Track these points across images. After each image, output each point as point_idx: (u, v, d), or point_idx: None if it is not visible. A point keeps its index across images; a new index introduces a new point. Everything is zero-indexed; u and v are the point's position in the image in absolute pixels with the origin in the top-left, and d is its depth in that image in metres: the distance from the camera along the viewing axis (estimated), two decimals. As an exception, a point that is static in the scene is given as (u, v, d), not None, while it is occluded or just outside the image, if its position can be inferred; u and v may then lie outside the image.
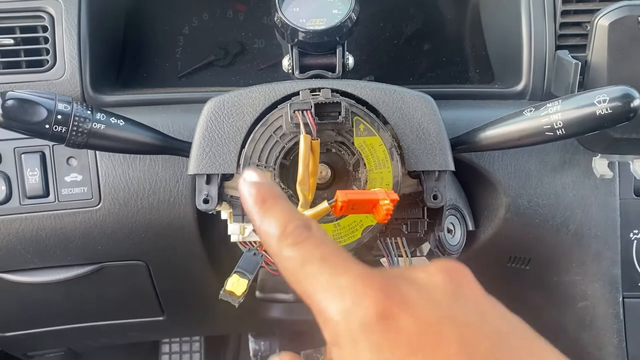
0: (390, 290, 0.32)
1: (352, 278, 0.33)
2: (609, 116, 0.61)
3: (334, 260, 0.34)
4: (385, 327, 0.31)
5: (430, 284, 0.34)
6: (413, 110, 0.69)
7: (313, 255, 0.34)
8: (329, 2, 0.75)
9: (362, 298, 0.32)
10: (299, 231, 0.36)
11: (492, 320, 0.33)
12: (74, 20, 0.83)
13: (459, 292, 0.34)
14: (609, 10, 0.74)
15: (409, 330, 0.31)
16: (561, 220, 0.87)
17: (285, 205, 0.38)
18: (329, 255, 0.34)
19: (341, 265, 0.34)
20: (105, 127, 0.65)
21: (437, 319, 0.32)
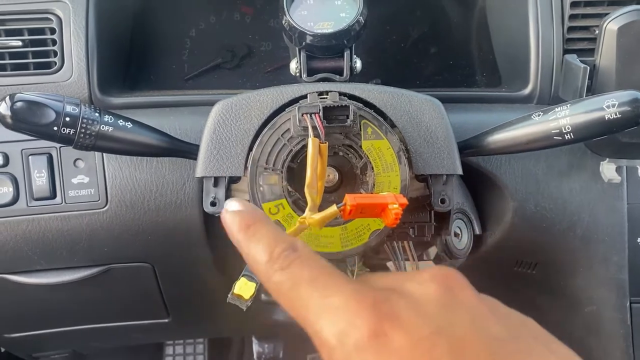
0: (382, 307, 0.33)
1: (345, 298, 0.33)
2: (618, 121, 0.61)
3: (323, 280, 0.34)
4: (378, 346, 0.31)
5: (422, 295, 0.34)
6: (421, 114, 0.68)
7: (302, 278, 0.35)
8: (337, 5, 0.75)
9: (355, 318, 0.32)
10: (285, 254, 0.36)
11: (488, 327, 0.33)
12: (81, 22, 0.83)
13: (451, 301, 0.34)
14: (618, 14, 0.74)
15: (400, 346, 0.31)
16: (568, 225, 0.86)
17: (270, 228, 0.38)
18: (318, 276, 0.35)
19: (331, 285, 0.34)
20: (113, 129, 0.65)
21: (428, 333, 0.32)
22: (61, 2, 0.83)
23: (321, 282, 0.34)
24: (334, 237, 0.64)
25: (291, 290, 0.35)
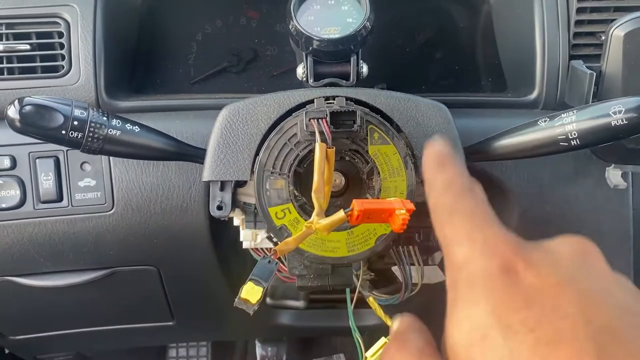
0: (519, 250, 0.33)
1: (488, 233, 0.34)
2: (624, 127, 0.61)
3: (480, 218, 0.36)
4: (506, 279, 0.32)
5: (557, 251, 0.35)
6: (427, 119, 0.69)
7: (464, 208, 0.37)
8: (343, 10, 0.75)
9: (490, 250, 0.33)
10: (463, 187, 0.38)
11: (617, 294, 0.32)
12: (89, 26, 0.83)
13: (584, 262, 0.35)
14: (625, 20, 0.74)
15: (528, 285, 0.31)
16: (574, 230, 0.85)
17: (460, 167, 0.41)
18: (477, 214, 0.36)
19: (484, 223, 0.35)
20: (120, 133, 0.65)
21: (558, 280, 0.31)
22: (69, 6, 0.84)
23: (477, 219, 0.36)
24: (340, 242, 0.64)
25: (449, 214, 0.37)
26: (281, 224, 0.64)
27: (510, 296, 0.31)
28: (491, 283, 0.32)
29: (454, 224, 0.36)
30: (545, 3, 0.86)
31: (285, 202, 0.64)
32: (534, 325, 0.29)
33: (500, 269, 0.32)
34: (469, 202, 0.37)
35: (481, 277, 0.32)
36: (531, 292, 0.31)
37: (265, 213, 0.64)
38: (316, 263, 0.66)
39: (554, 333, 0.29)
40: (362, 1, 0.74)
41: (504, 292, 0.31)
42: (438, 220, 0.38)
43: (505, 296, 0.31)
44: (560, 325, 0.29)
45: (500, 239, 0.34)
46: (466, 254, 0.34)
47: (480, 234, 0.34)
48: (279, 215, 0.64)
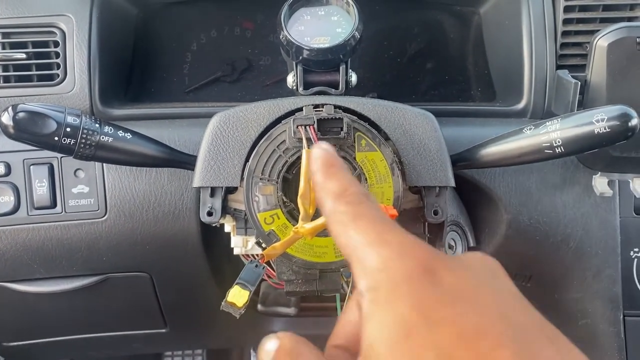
0: (435, 253, 0.34)
1: (402, 237, 0.35)
2: (607, 135, 0.62)
3: (386, 223, 0.36)
4: (428, 279, 0.32)
5: (469, 261, 0.36)
6: (414, 127, 0.70)
7: (367, 213, 0.37)
8: (333, 21, 0.77)
9: (408, 253, 0.34)
10: (358, 195, 0.39)
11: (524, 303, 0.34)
12: (84, 36, 0.85)
13: (494, 273, 0.36)
14: (608, 31, 0.76)
15: (449, 285, 0.32)
16: (562, 238, 0.87)
17: (349, 175, 0.41)
18: (382, 220, 0.37)
19: (393, 228, 0.36)
20: (112, 140, 0.66)
21: (476, 282, 0.33)
22: (65, 16, 0.85)
23: (384, 223, 0.36)
24: (327, 247, 0.65)
25: (352, 220, 0.37)
26: (270, 229, 0.65)
27: (432, 295, 0.32)
28: (413, 283, 0.32)
29: (361, 228, 0.36)
30: (533, 14, 0.87)
31: (273, 208, 0.65)
32: (456, 319, 0.30)
33: (421, 270, 0.33)
34: (370, 207, 0.38)
35: (403, 278, 0.32)
36: (452, 291, 0.32)
37: (254, 218, 0.65)
38: (304, 268, 0.67)
39: (476, 326, 0.30)
40: (351, 12, 0.76)
41: (426, 291, 0.32)
42: (340, 225, 0.38)
43: (428, 295, 0.32)
44: (481, 320, 0.30)
45: (414, 242, 0.35)
46: (384, 256, 0.34)
47: (393, 237, 0.35)
48: (268, 221, 0.65)
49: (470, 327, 0.30)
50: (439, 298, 0.32)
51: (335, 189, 0.40)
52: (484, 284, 0.34)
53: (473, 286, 0.33)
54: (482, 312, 0.31)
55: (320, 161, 0.42)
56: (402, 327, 0.31)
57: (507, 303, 0.33)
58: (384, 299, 0.33)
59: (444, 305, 0.31)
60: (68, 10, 0.85)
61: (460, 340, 0.30)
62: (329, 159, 0.43)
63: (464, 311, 0.31)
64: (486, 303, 0.32)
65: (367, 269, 0.34)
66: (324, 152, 0.44)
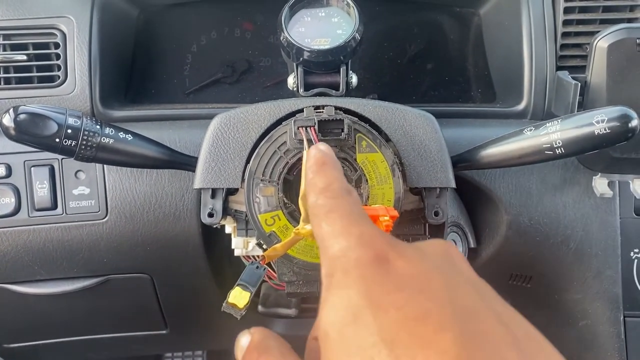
0: (392, 244, 0.37)
1: (364, 229, 0.38)
2: (607, 136, 0.62)
3: (355, 217, 0.39)
4: (378, 267, 0.34)
5: (426, 248, 0.39)
6: (415, 128, 0.70)
7: (341, 208, 0.40)
8: (333, 22, 0.77)
9: (365, 243, 0.36)
10: (341, 189, 0.42)
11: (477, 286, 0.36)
12: (85, 37, 0.85)
13: (450, 259, 0.38)
14: (608, 32, 0.76)
15: (399, 272, 0.34)
16: (562, 239, 0.87)
17: (338, 172, 0.46)
18: (353, 213, 0.40)
19: (360, 220, 0.39)
20: (113, 141, 0.67)
21: (427, 268, 0.35)
22: (66, 17, 0.85)
23: (352, 217, 0.39)
24: (328, 248, 0.65)
25: (326, 214, 0.40)
26: (271, 230, 0.65)
27: (381, 281, 0.33)
28: (364, 270, 0.34)
29: (331, 220, 0.39)
30: (533, 15, 0.88)
31: (274, 209, 0.65)
32: (402, 304, 0.32)
33: (373, 259, 0.35)
34: (345, 203, 0.41)
35: (355, 266, 0.34)
36: (401, 277, 0.34)
37: (255, 220, 0.65)
38: (305, 269, 0.67)
39: (421, 311, 0.31)
40: (351, 13, 0.76)
41: (376, 277, 0.34)
42: (316, 217, 0.41)
43: (377, 281, 0.33)
44: (427, 305, 0.32)
45: (375, 234, 0.37)
46: (342, 246, 0.36)
47: (356, 229, 0.37)
48: (269, 222, 0.65)
49: (415, 311, 0.31)
50: (387, 284, 0.33)
51: (320, 185, 0.43)
52: (436, 270, 0.35)
53: (424, 272, 0.34)
54: (429, 297, 0.32)
55: (313, 159, 0.47)
56: (350, 311, 0.32)
57: (458, 288, 0.34)
58: (336, 284, 0.35)
59: (391, 291, 0.33)
60: (69, 12, 0.86)
61: (404, 325, 0.31)
62: (321, 157, 0.47)
63: (410, 297, 0.32)
64: (435, 288, 0.33)
65: (328, 257, 0.37)
66: (318, 151, 0.48)
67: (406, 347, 0.30)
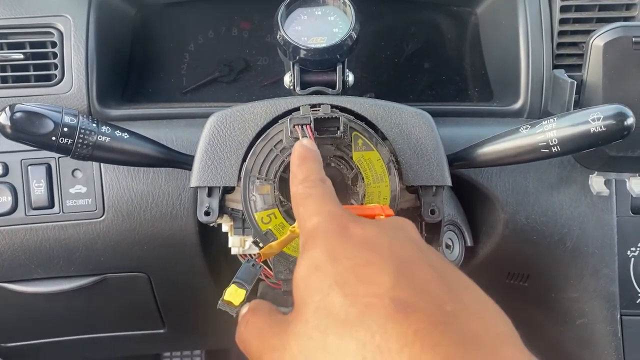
0: (355, 219, 0.45)
1: (332, 209, 0.46)
2: (603, 134, 0.62)
3: (327, 199, 0.48)
4: (340, 233, 0.43)
5: (384, 222, 0.48)
6: (411, 127, 0.70)
7: (316, 194, 0.49)
8: (330, 21, 0.77)
9: (333, 218, 0.45)
10: (316, 181, 0.51)
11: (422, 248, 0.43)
12: (82, 36, 0.85)
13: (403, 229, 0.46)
14: (604, 30, 0.76)
15: (354, 235, 0.43)
16: (559, 237, 0.87)
17: (316, 164, 0.54)
18: (326, 197, 0.48)
19: (330, 203, 0.48)
20: (110, 139, 0.67)
21: (379, 233, 0.43)
22: (62, 16, 0.85)
23: (325, 201, 0.48)
24: (324, 247, 0.65)
25: (305, 198, 0.49)
26: (267, 228, 0.65)
27: (339, 243, 0.42)
28: (327, 235, 0.43)
29: (308, 204, 0.48)
30: (529, 14, 0.88)
31: (271, 207, 0.65)
32: (353, 257, 0.40)
33: (336, 228, 0.43)
34: (320, 189, 0.49)
35: (321, 233, 0.43)
36: (356, 239, 0.42)
37: (251, 218, 0.65)
38: (301, 267, 0.67)
39: (367, 259, 0.40)
40: (348, 12, 0.76)
41: (336, 240, 0.42)
42: (296, 202, 0.50)
43: (336, 242, 0.42)
44: (372, 255, 0.40)
45: (342, 213, 0.46)
46: (314, 222, 0.45)
47: (326, 209, 0.46)
48: (265, 220, 0.65)
49: (362, 261, 0.40)
50: (344, 244, 0.42)
51: (300, 176, 0.51)
52: (386, 235, 0.43)
53: (375, 235, 0.42)
54: (375, 251, 0.40)
55: (296, 154, 0.55)
56: (313, 264, 0.41)
57: (402, 246, 0.42)
58: (306, 249, 0.43)
59: (347, 249, 0.41)
60: (65, 11, 0.86)
61: (353, 270, 0.39)
62: (303, 152, 0.55)
63: (360, 251, 0.41)
64: (382, 245, 0.41)
65: (304, 232, 0.46)
66: (301, 146, 0.56)
67: (353, 285, 0.38)
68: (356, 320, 0.36)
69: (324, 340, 0.36)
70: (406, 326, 0.34)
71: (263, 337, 0.43)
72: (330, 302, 0.37)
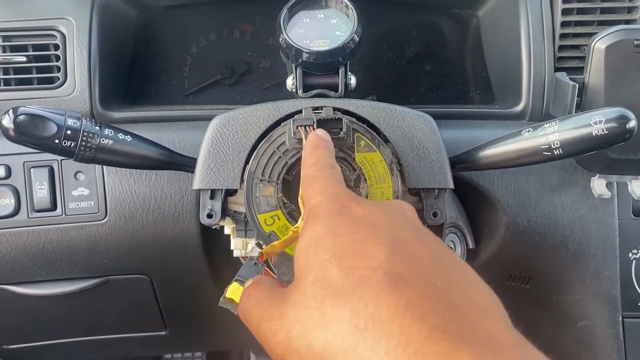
0: (357, 199, 0.47)
1: (336, 189, 0.48)
2: (605, 137, 0.62)
3: (333, 182, 0.50)
4: (342, 211, 0.45)
5: (384, 203, 0.50)
6: (413, 129, 0.70)
7: (323, 176, 0.51)
8: (332, 24, 0.77)
9: (335, 197, 0.47)
10: (325, 163, 0.53)
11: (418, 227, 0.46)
12: (84, 39, 0.85)
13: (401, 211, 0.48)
14: (606, 33, 0.76)
15: (355, 213, 0.44)
16: (560, 240, 0.88)
17: (327, 152, 0.56)
18: (332, 180, 0.51)
19: (335, 184, 0.50)
20: (112, 142, 0.67)
21: (378, 212, 0.45)
22: (65, 19, 0.86)
23: (330, 182, 0.50)
24: (327, 249, 0.65)
25: (312, 179, 0.51)
26: (270, 230, 0.65)
27: (340, 219, 0.44)
28: (329, 212, 0.45)
29: (314, 185, 0.50)
30: (531, 17, 0.88)
31: (274, 209, 0.65)
32: (352, 232, 0.42)
33: (338, 206, 0.45)
34: (327, 173, 0.52)
35: (323, 210, 0.45)
36: (355, 216, 0.44)
37: (255, 220, 0.65)
38: (304, 269, 0.67)
39: (365, 235, 0.41)
40: (350, 15, 0.76)
41: (336, 216, 0.44)
42: (304, 184, 0.52)
43: (336, 218, 0.44)
44: (370, 231, 0.42)
45: (345, 193, 0.48)
46: (318, 200, 0.47)
47: (330, 189, 0.48)
48: (268, 222, 0.65)
49: (360, 236, 0.41)
50: (344, 220, 0.43)
51: (311, 161, 0.54)
52: (386, 215, 0.45)
53: (374, 214, 0.44)
54: (373, 227, 0.42)
55: (309, 142, 0.58)
56: (313, 239, 0.43)
57: (399, 225, 0.44)
58: (308, 224, 0.45)
59: (347, 225, 0.43)
60: (68, 14, 0.86)
61: (351, 245, 0.41)
62: (316, 139, 0.58)
63: (359, 227, 0.42)
64: (380, 223, 0.43)
65: (307, 209, 0.48)
66: (315, 135, 0.59)
67: (350, 259, 0.40)
68: (351, 290, 0.38)
69: (320, 308, 0.39)
70: (397, 297, 0.36)
71: (262, 308, 0.45)
72: (328, 274, 0.39)
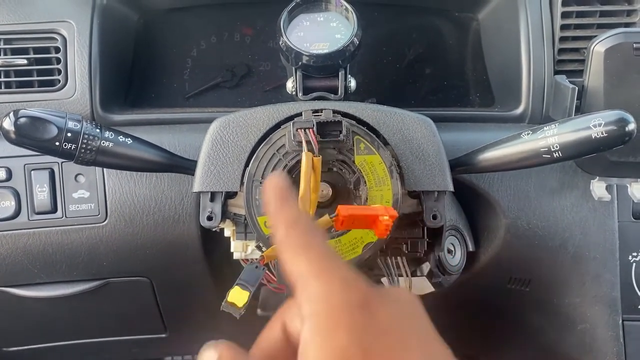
0: (371, 287, 0.39)
1: (345, 273, 0.39)
2: (604, 140, 0.62)
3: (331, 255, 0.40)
4: (363, 312, 0.37)
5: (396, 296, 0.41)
6: (413, 132, 0.70)
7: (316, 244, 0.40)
8: (332, 27, 0.77)
9: (349, 286, 0.38)
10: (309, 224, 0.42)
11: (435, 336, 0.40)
12: (85, 42, 0.86)
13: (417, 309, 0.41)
14: (605, 36, 0.76)
15: (382, 319, 0.37)
16: (560, 242, 0.88)
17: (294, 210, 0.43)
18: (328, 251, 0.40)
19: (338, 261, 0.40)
20: (113, 145, 0.67)
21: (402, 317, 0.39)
22: (66, 22, 0.86)
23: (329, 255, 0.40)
24: (327, 251, 0.65)
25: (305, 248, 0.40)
26: (270, 232, 0.65)
27: (367, 327, 0.36)
28: (352, 315, 0.36)
29: (309, 258, 0.39)
30: (531, 20, 0.88)
31: (273, 212, 0.65)
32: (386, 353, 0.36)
33: (360, 303, 0.37)
34: (318, 239, 0.41)
35: (343, 309, 0.36)
36: (383, 324, 0.37)
37: (254, 222, 0.65)
38: (304, 272, 0.67)
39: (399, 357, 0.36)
40: (350, 18, 0.77)
41: (362, 323, 0.36)
42: (290, 253, 0.40)
43: (363, 327, 0.36)
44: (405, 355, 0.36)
45: (354, 277, 0.39)
46: (326, 288, 0.37)
47: (337, 270, 0.38)
48: (268, 224, 0.65)
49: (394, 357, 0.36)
50: (373, 331, 0.36)
51: (287, 218, 0.42)
52: (406, 317, 0.39)
53: (399, 320, 0.38)
54: (405, 346, 0.37)
55: (272, 192, 0.44)
56: (340, 353, 0.35)
57: (422, 335, 0.39)
58: (325, 326, 0.36)
59: (376, 337, 0.36)
60: (69, 17, 0.86)
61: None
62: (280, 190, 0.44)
63: (392, 344, 0.36)
64: (409, 336, 0.38)
65: (311, 297, 0.37)
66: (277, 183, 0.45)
67: None
68: None
69: None
70: None
71: None
72: None
